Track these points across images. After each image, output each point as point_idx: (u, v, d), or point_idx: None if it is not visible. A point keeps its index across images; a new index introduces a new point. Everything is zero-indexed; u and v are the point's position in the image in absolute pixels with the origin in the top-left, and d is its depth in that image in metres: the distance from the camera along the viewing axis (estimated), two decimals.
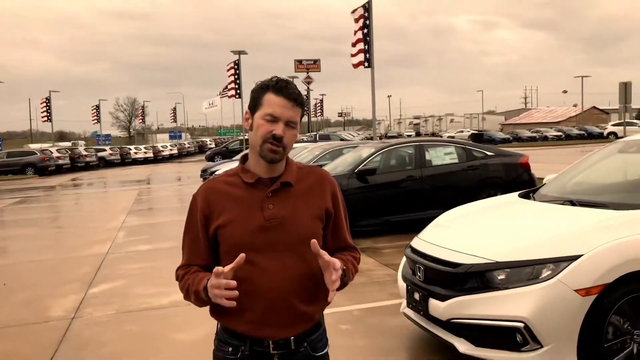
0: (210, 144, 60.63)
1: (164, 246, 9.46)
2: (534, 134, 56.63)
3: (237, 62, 35.19)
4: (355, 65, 21.95)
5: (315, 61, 52.45)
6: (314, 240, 1.75)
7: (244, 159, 1.93)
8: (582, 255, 3.40)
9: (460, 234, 4.32)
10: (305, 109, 1.71)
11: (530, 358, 3.38)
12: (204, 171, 21.24)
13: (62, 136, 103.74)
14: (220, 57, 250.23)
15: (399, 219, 9.03)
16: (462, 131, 66.95)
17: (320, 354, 1.93)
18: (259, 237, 1.80)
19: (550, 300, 3.35)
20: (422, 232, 4.60)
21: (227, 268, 1.67)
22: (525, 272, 3.48)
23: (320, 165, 10.67)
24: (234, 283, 1.66)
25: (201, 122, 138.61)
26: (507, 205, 4.77)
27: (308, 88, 52.54)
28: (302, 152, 13.46)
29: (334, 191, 1.98)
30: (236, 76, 35.62)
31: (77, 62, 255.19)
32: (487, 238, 4.04)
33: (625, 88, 15.36)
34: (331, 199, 1.96)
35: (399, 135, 69.37)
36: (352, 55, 22.11)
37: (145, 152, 47.80)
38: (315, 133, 43.42)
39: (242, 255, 1.68)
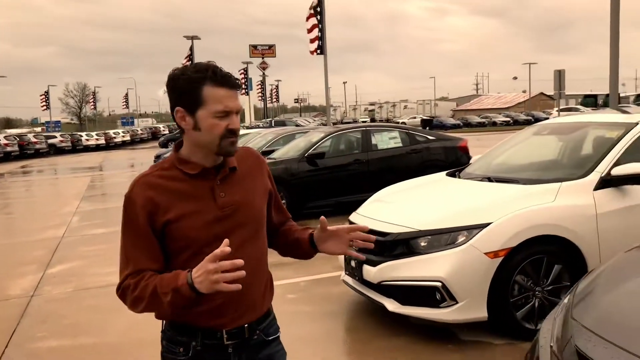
0: (163, 131, 59.92)
1: (118, 229, 9.60)
2: (483, 120, 58.34)
3: (191, 47, 34.97)
4: (312, 52, 22.45)
5: (271, 46, 52.41)
6: (322, 218, 1.86)
7: (177, 148, 1.78)
8: (491, 223, 3.94)
9: (391, 208, 4.81)
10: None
11: (447, 313, 3.91)
12: (157, 157, 21.27)
13: (8, 123, 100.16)
14: (173, 41, 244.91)
15: (347, 199, 9.50)
16: (414, 117, 68.19)
17: (272, 337, 1.89)
18: (215, 228, 1.70)
19: (464, 262, 3.88)
20: (359, 208, 5.08)
21: (220, 250, 1.52)
22: (444, 238, 4.00)
23: (272, 150, 11.06)
24: (240, 262, 1.52)
25: (154, 108, 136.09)
26: (435, 182, 5.30)
27: (263, 74, 52.42)
28: (256, 138, 13.80)
29: (267, 169, 1.96)
30: (190, 62, 35.27)
31: (23, 45, 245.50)
32: (414, 211, 4.55)
33: (560, 75, 16.37)
34: (268, 176, 1.94)
35: (354, 121, 70.20)
36: (311, 42, 22.57)
37: (97, 139, 46.95)
38: (270, 119, 43.63)
39: (226, 240, 1.55)
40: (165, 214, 1.68)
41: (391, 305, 4.13)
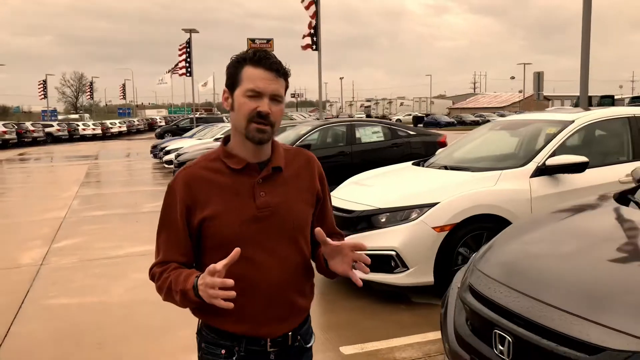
0: (160, 122, 60.42)
1: (117, 212, 10.38)
2: (477, 118, 59.17)
3: (188, 40, 35.34)
4: (304, 48, 22.93)
5: (269, 40, 52.53)
6: (318, 229, 1.65)
7: (226, 141, 1.76)
8: (439, 202, 4.65)
9: (361, 190, 5.53)
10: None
11: (400, 277, 4.63)
12: (154, 147, 21.97)
13: (4, 111, 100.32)
14: (169, 33, 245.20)
15: (332, 188, 10.23)
16: (410, 114, 68.97)
17: (310, 344, 1.86)
18: (251, 229, 1.65)
19: (415, 235, 4.59)
20: (335, 190, 5.79)
21: (221, 265, 1.49)
22: (399, 215, 4.72)
23: None
24: (230, 282, 1.48)
25: (151, 100, 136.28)
26: (401, 170, 6.03)
27: None
28: None
29: (320, 173, 1.86)
30: (187, 54, 35.72)
31: (19, 34, 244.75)
32: (378, 192, 5.27)
33: (539, 77, 17.21)
34: (319, 181, 1.84)
35: (350, 117, 70.80)
36: (303, 37, 23.06)
37: (93, 129, 47.48)
38: None
39: (237, 249, 1.52)
40: (203, 210, 1.66)
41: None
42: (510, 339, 2.33)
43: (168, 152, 17.85)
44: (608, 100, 63.80)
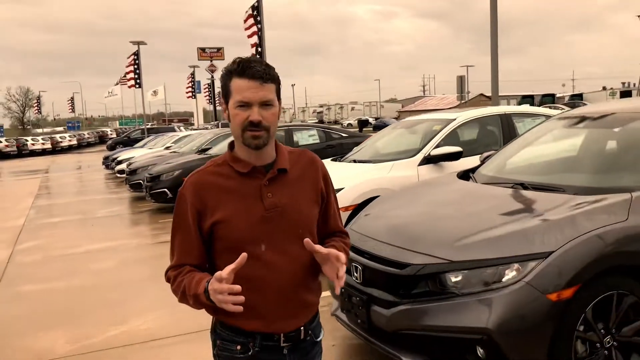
0: (111, 134, 60.09)
1: (73, 218, 11.16)
2: None
3: (136, 52, 35.57)
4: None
5: (219, 49, 52.58)
6: (307, 240, 1.69)
7: (232, 147, 1.82)
8: (343, 188, 5.76)
9: None
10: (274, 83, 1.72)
11: None
12: (105, 158, 22.51)
13: None
14: (117, 44, 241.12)
15: None
16: (360, 118, 70.63)
17: (320, 338, 1.91)
18: (260, 229, 1.71)
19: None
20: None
21: (227, 271, 1.57)
22: None
23: (206, 149, 12.66)
24: (238, 288, 1.56)
25: (101, 112, 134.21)
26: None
27: (212, 77, 53.07)
28: (196, 138, 15.38)
29: (325, 173, 1.91)
30: (136, 66, 35.88)
31: None
32: None
33: (462, 80, 18.85)
34: (323, 181, 1.89)
35: (303, 123, 71.96)
36: (252, 47, 23.87)
37: (43, 143, 47.03)
38: (217, 122, 44.88)
39: (244, 254, 1.59)
40: (214, 214, 1.71)
41: None
42: (360, 267, 3.44)
43: (120, 162, 18.47)
44: (549, 99, 67.25)
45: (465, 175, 4.49)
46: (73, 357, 4.21)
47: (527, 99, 79.14)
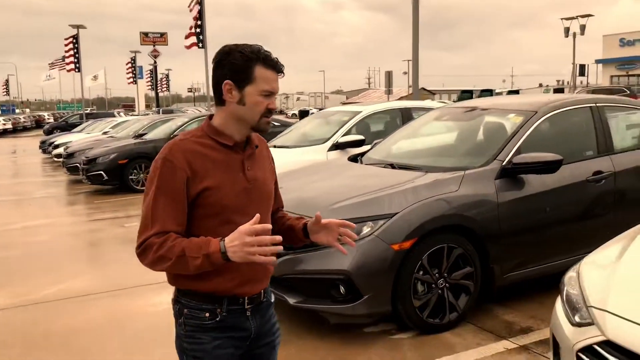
0: (48, 119, 58.45)
1: (9, 199, 11.52)
2: None
3: (75, 35, 34.94)
4: (188, 47, 23.90)
5: (162, 34, 51.67)
6: (318, 213, 1.94)
7: (210, 119, 1.89)
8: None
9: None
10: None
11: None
12: (42, 142, 22.43)
13: None
14: (57, 26, 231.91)
15: None
16: (301, 109, 71.44)
17: (273, 300, 2.05)
18: (242, 199, 1.82)
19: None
20: None
21: (261, 226, 1.64)
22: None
23: (142, 134, 13.14)
24: (279, 238, 1.66)
25: (38, 96, 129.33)
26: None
27: (155, 62, 52.29)
28: (134, 123, 15.81)
29: (271, 155, 2.07)
30: (75, 50, 35.25)
31: None
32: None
33: (389, 76, 19.98)
34: (272, 160, 2.06)
35: None
36: (185, 37, 24.02)
37: None
38: (159, 108, 44.64)
39: (258, 215, 1.66)
40: (203, 181, 1.76)
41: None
42: None
43: (57, 147, 18.57)
44: (487, 94, 69.77)
45: (354, 158, 5.39)
46: (13, 309, 4.84)
47: (467, 94, 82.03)
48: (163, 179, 1.76)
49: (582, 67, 58.51)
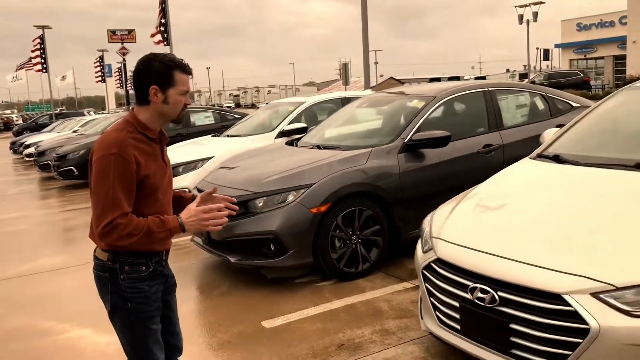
0: (17, 120, 58.01)
1: None
2: None
3: (41, 36, 34.95)
4: (156, 43, 24.45)
5: (130, 31, 51.04)
6: (216, 187, 2.55)
7: (135, 116, 2.26)
8: (214, 156, 7.35)
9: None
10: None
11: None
12: (13, 143, 22.82)
13: None
14: (22, 25, 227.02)
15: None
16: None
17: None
18: (163, 180, 2.31)
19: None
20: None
21: (216, 205, 2.26)
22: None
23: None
24: (221, 205, 2.29)
25: (4, 97, 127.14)
26: (210, 140, 8.70)
27: (124, 60, 52.09)
28: (102, 121, 16.41)
29: None
30: (41, 50, 35.24)
31: None
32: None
33: (346, 67, 20.88)
34: None
35: (219, 106, 72.46)
36: (152, 35, 24.52)
37: None
38: (129, 106, 44.81)
39: (204, 193, 2.37)
40: (144, 170, 2.19)
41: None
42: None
43: (28, 146, 19.06)
44: (455, 80, 70.66)
45: (291, 142, 6.25)
46: None
47: (435, 81, 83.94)
48: (119, 171, 2.13)
49: (546, 51, 60.27)
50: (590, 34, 51.76)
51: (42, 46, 34.81)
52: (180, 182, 7.33)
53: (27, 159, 18.90)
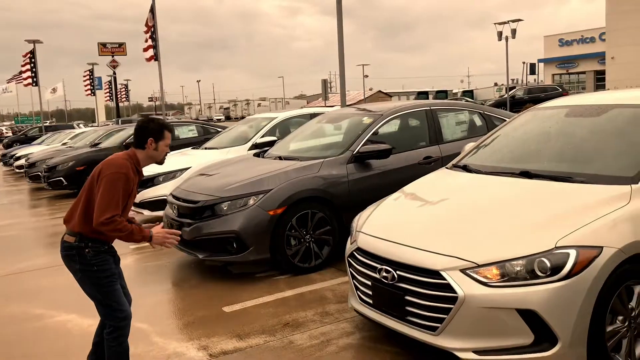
0: (7, 133, 58.39)
1: None
2: None
3: (32, 50, 35.54)
4: (148, 60, 25.18)
5: (121, 44, 51.64)
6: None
7: (134, 156, 3.26)
8: (191, 167, 8.08)
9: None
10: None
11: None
12: (3, 156, 23.41)
13: None
14: (10, 37, 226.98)
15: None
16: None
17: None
18: (132, 200, 3.29)
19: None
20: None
21: (172, 231, 3.30)
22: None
23: (98, 143, 14.47)
24: (179, 232, 3.37)
25: None
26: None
27: (114, 73, 52.70)
28: (91, 134, 17.09)
29: None
30: (32, 64, 35.79)
31: None
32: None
33: (325, 83, 21.80)
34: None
35: (210, 119, 73.28)
36: (144, 50, 25.26)
37: None
38: (118, 119, 45.45)
39: (161, 224, 3.44)
40: (131, 190, 3.21)
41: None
42: (176, 207, 5.81)
43: (18, 158, 19.66)
44: (442, 95, 71.85)
45: (258, 154, 7.00)
46: None
47: (423, 95, 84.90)
48: (122, 185, 3.13)
49: (533, 66, 61.65)
50: (572, 50, 53.14)
51: (32, 60, 35.34)
52: (161, 190, 8.05)
53: (17, 170, 19.50)
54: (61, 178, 12.78)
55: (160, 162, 3.40)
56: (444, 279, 3.19)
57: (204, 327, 4.47)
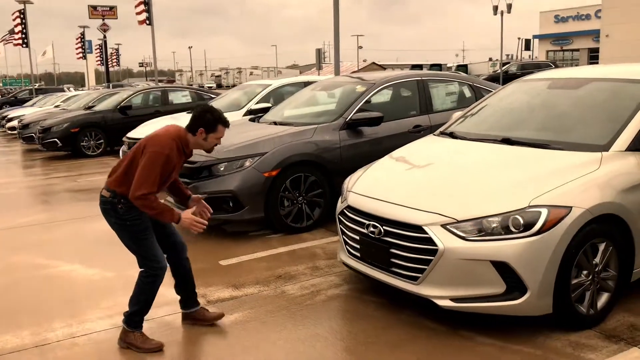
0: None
1: None
2: None
3: (22, 11, 35.01)
4: (140, 23, 25.08)
5: (112, 8, 50.84)
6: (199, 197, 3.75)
7: (186, 139, 3.37)
8: None
9: None
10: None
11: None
12: None
13: None
14: None
15: None
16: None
17: None
18: (172, 176, 3.46)
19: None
20: None
21: (197, 218, 3.40)
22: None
23: (92, 106, 14.56)
24: (206, 223, 3.42)
25: None
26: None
27: (105, 36, 51.99)
28: (83, 97, 17.14)
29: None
30: (23, 25, 35.29)
31: None
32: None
33: (319, 53, 21.81)
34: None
35: (201, 87, 72.76)
36: (137, 14, 25.12)
37: None
38: (109, 83, 45.13)
39: (194, 208, 3.54)
40: (173, 169, 3.37)
41: None
42: None
43: (10, 120, 19.67)
44: (437, 68, 71.82)
45: (253, 119, 7.22)
46: None
47: (417, 68, 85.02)
48: (161, 165, 3.24)
49: (528, 42, 61.58)
50: (567, 26, 53.02)
51: (23, 20, 34.85)
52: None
53: (9, 132, 19.52)
54: (56, 139, 12.92)
55: (208, 151, 3.55)
56: (426, 233, 3.48)
57: (202, 278, 4.76)
